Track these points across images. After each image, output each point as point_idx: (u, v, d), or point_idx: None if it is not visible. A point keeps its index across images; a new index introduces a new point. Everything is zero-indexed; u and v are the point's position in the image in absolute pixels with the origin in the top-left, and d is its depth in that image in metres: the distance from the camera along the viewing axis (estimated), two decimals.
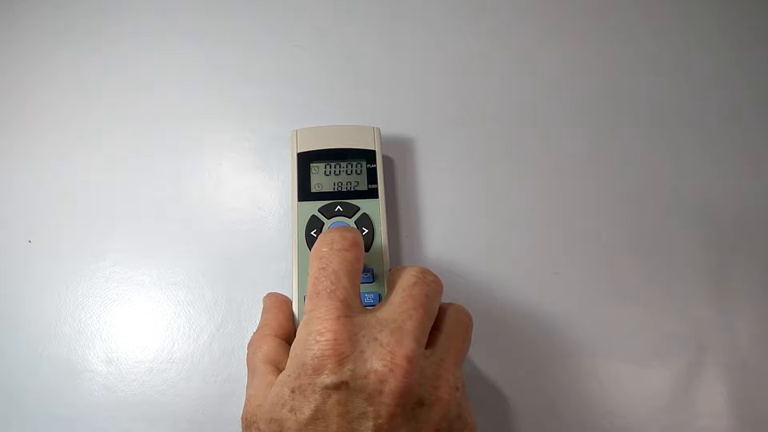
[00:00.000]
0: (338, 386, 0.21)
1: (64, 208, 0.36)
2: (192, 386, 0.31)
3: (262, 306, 0.29)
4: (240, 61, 0.40)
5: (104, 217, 0.35)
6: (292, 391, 0.21)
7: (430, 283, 0.25)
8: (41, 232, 0.35)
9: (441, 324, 0.25)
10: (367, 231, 0.29)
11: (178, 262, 0.34)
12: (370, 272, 0.28)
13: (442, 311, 0.26)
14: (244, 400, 0.25)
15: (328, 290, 0.23)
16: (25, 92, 0.39)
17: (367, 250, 0.29)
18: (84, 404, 0.31)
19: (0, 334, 0.33)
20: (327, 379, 0.21)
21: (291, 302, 0.28)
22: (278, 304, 0.28)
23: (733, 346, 0.31)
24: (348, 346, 0.21)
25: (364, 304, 0.25)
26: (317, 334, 0.22)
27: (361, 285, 0.27)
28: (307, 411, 0.21)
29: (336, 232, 0.25)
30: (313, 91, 0.38)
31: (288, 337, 0.26)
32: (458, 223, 0.34)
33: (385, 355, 0.21)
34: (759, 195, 0.35)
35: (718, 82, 0.39)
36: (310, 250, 0.29)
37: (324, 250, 0.24)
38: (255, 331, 0.27)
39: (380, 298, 0.28)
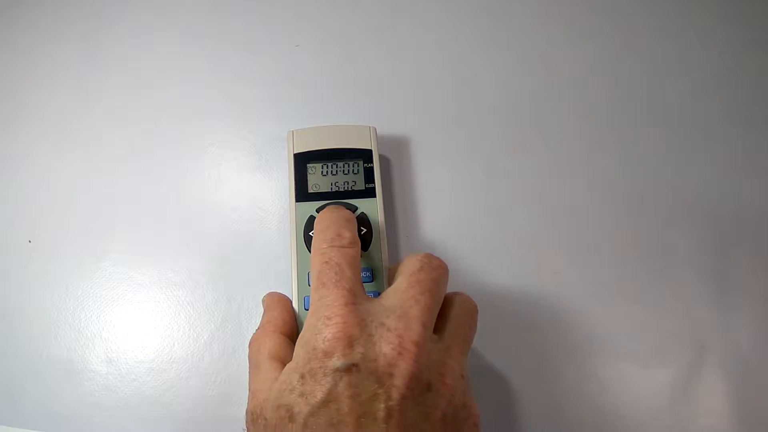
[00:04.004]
0: (349, 369, 0.21)
1: (64, 208, 0.36)
2: (192, 386, 0.31)
3: (262, 306, 0.29)
4: (240, 61, 0.40)
5: (104, 217, 0.35)
6: (302, 377, 0.22)
7: (436, 267, 0.25)
8: (41, 232, 0.35)
9: (448, 312, 0.25)
10: (365, 230, 0.29)
11: (178, 262, 0.34)
12: (369, 271, 0.28)
13: (448, 300, 0.26)
14: (246, 398, 0.25)
15: (334, 281, 0.24)
16: (25, 92, 0.40)
17: (365, 249, 0.29)
18: (84, 404, 0.31)
19: (0, 334, 0.33)
20: (338, 361, 0.21)
21: (291, 301, 0.28)
22: (280, 302, 0.28)
23: (733, 346, 0.31)
24: (357, 330, 0.22)
25: None
26: (326, 319, 0.22)
27: None
28: (318, 394, 0.21)
29: (333, 231, 0.26)
30: (313, 91, 0.38)
31: (292, 334, 0.26)
32: (457, 223, 0.34)
33: (393, 339, 0.22)
34: (759, 195, 0.35)
35: (718, 82, 0.39)
36: (308, 250, 0.29)
37: (324, 246, 0.25)
38: (257, 328, 0.27)
39: None
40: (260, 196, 0.35)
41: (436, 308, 0.24)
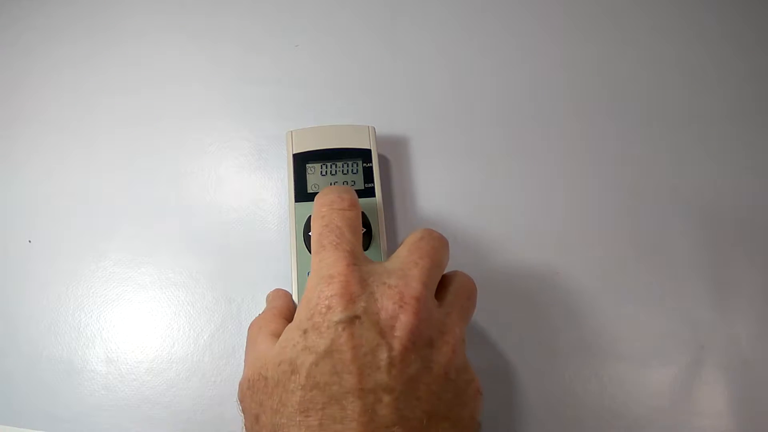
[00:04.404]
0: (352, 320, 0.21)
1: (64, 208, 0.36)
2: (192, 386, 0.31)
3: (266, 302, 0.29)
4: (240, 61, 0.40)
5: (104, 217, 0.35)
6: (304, 332, 0.22)
7: (436, 238, 0.26)
8: (41, 232, 0.35)
9: (447, 286, 0.26)
10: (365, 230, 0.29)
11: (178, 262, 0.34)
12: None
13: (448, 277, 0.26)
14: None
15: (334, 243, 0.24)
16: (25, 93, 0.40)
17: (365, 248, 0.29)
18: (84, 404, 0.31)
19: (0, 334, 0.33)
20: (341, 314, 0.21)
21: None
22: (285, 296, 0.29)
23: (733, 346, 0.31)
24: (359, 288, 0.22)
25: None
26: (329, 278, 0.22)
27: None
28: (322, 345, 0.21)
29: (333, 194, 0.26)
30: (313, 91, 0.38)
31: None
32: (456, 223, 0.34)
33: (394, 295, 0.22)
34: (759, 195, 0.35)
35: (718, 82, 0.39)
36: (308, 250, 0.29)
37: (324, 209, 0.25)
38: (260, 314, 0.27)
39: None
40: (260, 196, 0.35)
41: (436, 273, 0.24)
